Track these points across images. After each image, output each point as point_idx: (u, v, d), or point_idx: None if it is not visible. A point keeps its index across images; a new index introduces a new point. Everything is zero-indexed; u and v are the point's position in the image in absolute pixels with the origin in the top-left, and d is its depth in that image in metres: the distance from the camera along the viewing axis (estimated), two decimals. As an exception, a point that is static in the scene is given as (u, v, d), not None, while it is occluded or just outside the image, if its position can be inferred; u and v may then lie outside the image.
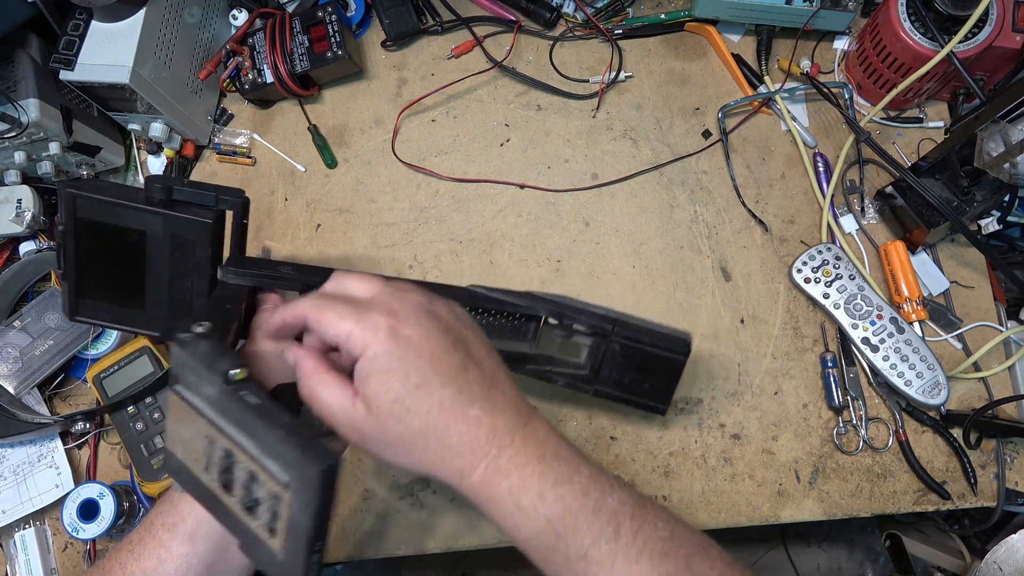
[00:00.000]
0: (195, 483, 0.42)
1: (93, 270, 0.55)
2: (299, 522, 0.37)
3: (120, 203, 0.53)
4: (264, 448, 0.38)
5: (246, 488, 0.39)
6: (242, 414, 0.39)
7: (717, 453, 0.72)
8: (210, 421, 0.40)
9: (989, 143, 0.65)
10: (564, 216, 0.80)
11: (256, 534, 0.39)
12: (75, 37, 0.69)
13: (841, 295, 0.73)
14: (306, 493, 0.37)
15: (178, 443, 0.43)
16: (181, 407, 0.42)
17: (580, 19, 0.85)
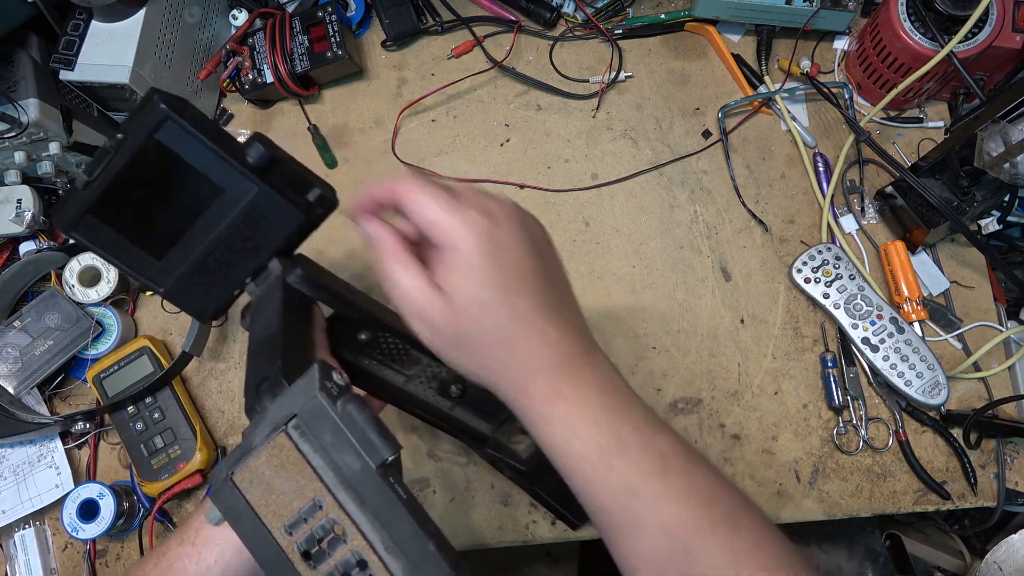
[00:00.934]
0: (258, 533, 0.39)
1: (127, 196, 0.48)
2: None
3: (215, 149, 0.46)
4: (400, 546, 0.36)
5: (340, 570, 0.37)
6: (383, 504, 0.37)
7: (717, 453, 0.72)
8: (328, 489, 0.38)
9: (989, 143, 0.65)
10: (564, 216, 0.80)
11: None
12: (75, 37, 0.69)
13: (841, 295, 0.73)
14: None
15: (258, 486, 0.39)
16: (289, 455, 0.39)
17: (580, 19, 0.85)
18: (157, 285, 0.50)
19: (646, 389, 0.74)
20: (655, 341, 0.76)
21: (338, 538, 0.37)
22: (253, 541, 0.39)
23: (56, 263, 0.77)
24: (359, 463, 0.37)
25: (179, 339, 0.78)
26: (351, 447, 0.38)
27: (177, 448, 0.71)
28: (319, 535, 0.37)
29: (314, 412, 0.39)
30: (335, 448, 0.38)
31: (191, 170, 0.47)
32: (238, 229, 0.48)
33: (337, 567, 0.37)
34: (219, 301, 0.51)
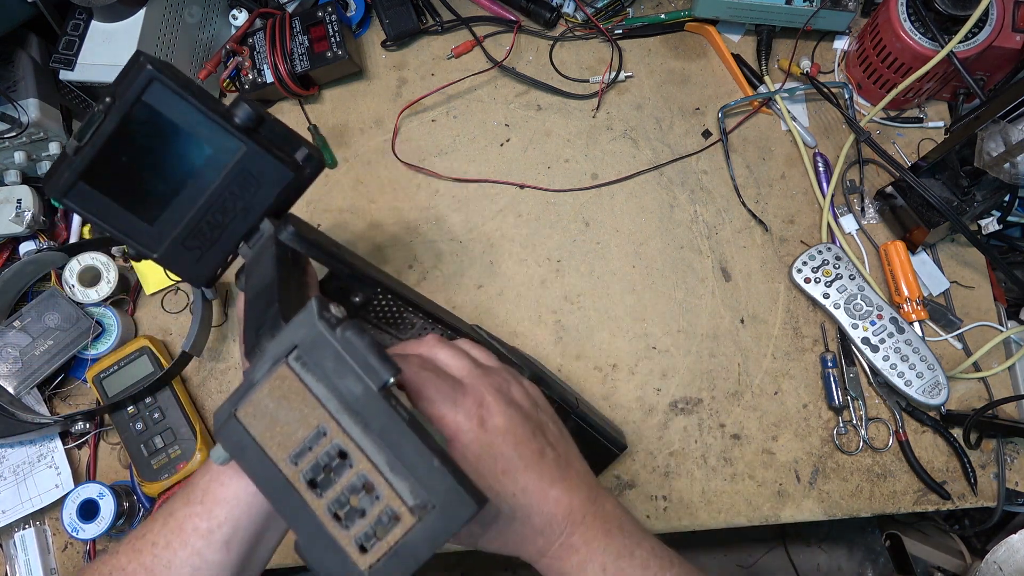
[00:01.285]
0: (263, 466, 0.39)
1: (118, 160, 0.48)
2: (415, 551, 0.36)
3: (202, 109, 0.47)
4: (405, 465, 0.36)
5: (347, 495, 0.37)
6: (387, 424, 0.37)
7: (717, 453, 0.72)
8: (332, 415, 0.38)
9: (989, 143, 0.65)
10: (564, 216, 0.80)
11: (335, 542, 0.37)
12: (75, 37, 0.69)
13: (841, 295, 0.73)
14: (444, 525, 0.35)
15: (261, 419, 0.40)
16: (291, 386, 0.39)
17: (580, 19, 0.85)
18: (151, 251, 0.49)
19: (646, 389, 0.74)
20: (655, 341, 0.76)
21: (343, 463, 0.37)
22: (259, 474, 0.39)
23: (56, 263, 0.77)
24: (361, 387, 0.38)
25: (179, 339, 0.78)
26: (352, 372, 0.38)
27: (177, 448, 0.71)
28: (324, 462, 0.38)
29: (314, 341, 0.39)
30: (337, 374, 0.38)
31: (180, 131, 0.47)
32: (229, 189, 0.48)
33: (343, 492, 0.37)
34: (213, 265, 0.50)
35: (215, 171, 0.48)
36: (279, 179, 0.49)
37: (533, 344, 0.76)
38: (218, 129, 0.47)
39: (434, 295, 0.77)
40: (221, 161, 0.48)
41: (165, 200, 0.48)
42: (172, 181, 0.48)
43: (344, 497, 0.37)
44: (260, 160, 0.48)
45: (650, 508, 0.71)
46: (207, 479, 0.45)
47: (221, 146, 0.47)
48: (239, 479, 0.44)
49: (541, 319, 0.77)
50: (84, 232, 0.82)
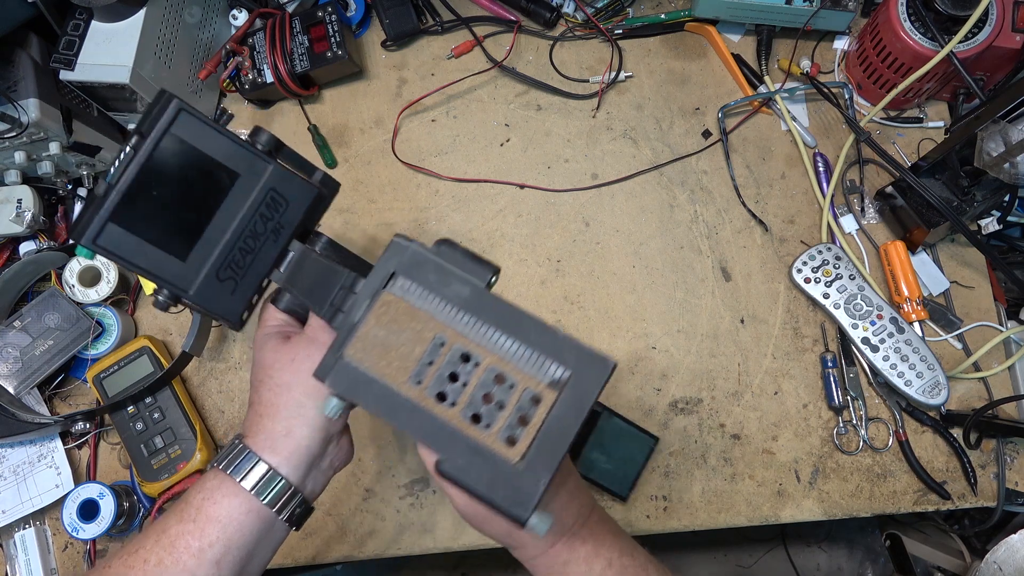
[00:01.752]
0: (386, 397, 0.39)
1: (147, 197, 0.47)
2: (564, 424, 0.36)
3: (229, 135, 0.47)
4: (531, 346, 0.37)
5: (480, 394, 0.38)
6: (502, 314, 0.38)
7: (717, 453, 0.72)
8: (446, 323, 0.39)
9: (989, 143, 0.65)
10: (564, 216, 0.80)
11: (480, 445, 0.37)
12: (75, 37, 0.69)
13: (841, 295, 0.73)
14: (585, 389, 0.36)
15: (372, 351, 0.40)
16: (398, 308, 0.40)
17: (580, 19, 0.85)
18: (184, 289, 0.48)
19: (646, 389, 0.74)
20: (655, 341, 0.76)
21: (468, 366, 0.38)
22: (384, 408, 0.39)
23: (56, 263, 0.77)
24: (468, 288, 0.39)
25: (179, 339, 0.78)
26: (456, 277, 0.39)
27: (177, 448, 0.71)
28: (448, 371, 0.38)
29: (413, 261, 0.41)
30: (441, 284, 0.40)
31: (208, 160, 0.48)
32: (259, 212, 0.49)
33: (476, 394, 0.38)
34: (247, 295, 0.50)
35: (244, 196, 0.49)
36: (305, 197, 0.50)
37: (533, 344, 0.76)
38: (246, 154, 0.48)
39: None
40: (249, 184, 0.48)
41: (197, 232, 0.48)
42: (203, 212, 0.48)
43: (478, 398, 0.38)
44: (286, 180, 0.49)
45: (650, 508, 0.71)
46: (200, 497, 0.45)
47: (249, 170, 0.48)
48: (232, 498, 0.45)
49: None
50: (84, 232, 0.82)
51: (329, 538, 0.71)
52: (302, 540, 0.71)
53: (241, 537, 0.45)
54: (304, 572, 0.82)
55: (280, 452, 0.46)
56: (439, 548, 0.71)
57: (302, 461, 0.46)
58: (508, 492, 0.37)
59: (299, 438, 0.46)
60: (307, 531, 0.71)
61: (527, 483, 0.36)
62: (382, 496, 0.72)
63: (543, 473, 0.36)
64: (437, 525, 0.71)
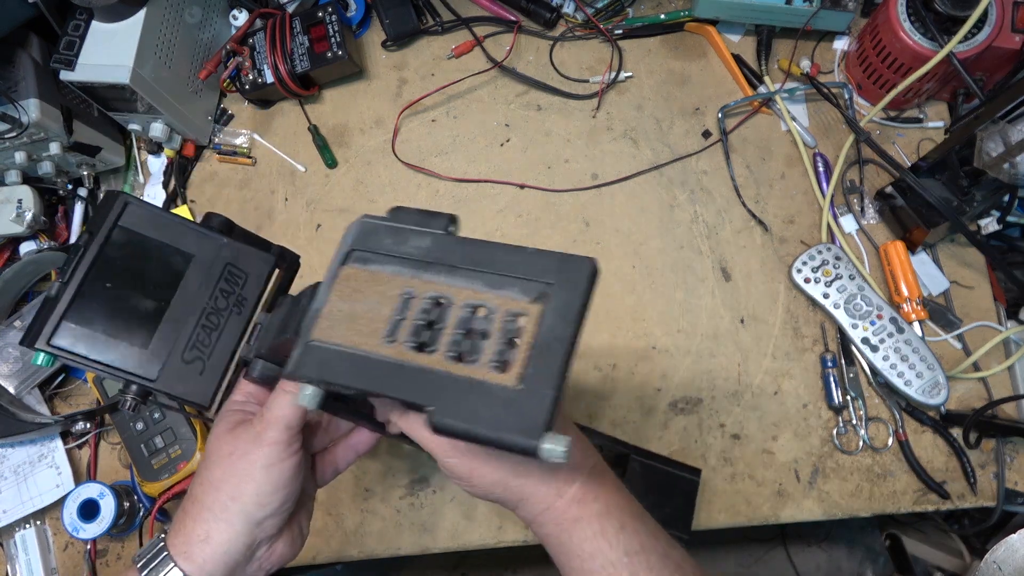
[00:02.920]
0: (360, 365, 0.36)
1: (101, 290, 0.47)
2: (557, 333, 0.33)
3: (180, 219, 0.48)
4: (504, 273, 0.35)
5: (459, 331, 0.35)
6: (468, 251, 0.37)
7: (717, 453, 0.72)
8: (412, 276, 0.37)
9: (989, 143, 0.65)
10: (564, 216, 0.80)
11: (471, 381, 0.34)
12: (75, 37, 0.69)
13: (841, 295, 0.73)
14: (571, 294, 0.33)
15: (339, 326, 0.38)
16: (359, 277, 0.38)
17: (580, 19, 0.85)
18: (148, 378, 0.47)
19: (646, 389, 0.74)
20: (655, 341, 0.76)
21: (442, 309, 0.36)
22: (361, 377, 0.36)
23: (56, 263, 0.77)
24: (428, 238, 0.38)
25: (179, 339, 0.78)
26: (413, 232, 0.38)
27: (177, 448, 0.71)
28: (423, 319, 0.36)
29: (366, 231, 0.39)
30: (399, 243, 0.38)
31: (160, 245, 0.48)
32: (218, 287, 0.49)
33: (456, 333, 0.35)
34: (217, 373, 0.48)
35: (200, 275, 0.49)
36: (263, 265, 0.50)
37: (533, 344, 0.76)
38: (197, 234, 0.49)
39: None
40: (205, 264, 0.49)
41: (157, 318, 0.48)
42: (160, 297, 0.48)
43: (458, 335, 0.35)
44: (242, 255, 0.50)
45: (650, 508, 0.71)
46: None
47: (203, 249, 0.49)
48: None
49: (541, 319, 0.77)
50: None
51: (329, 538, 0.71)
52: (302, 540, 0.71)
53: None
54: (304, 572, 0.82)
55: (195, 559, 0.42)
56: (439, 548, 0.71)
57: (218, 570, 0.42)
58: (513, 422, 0.32)
59: (217, 545, 0.42)
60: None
61: (531, 404, 0.32)
62: (382, 496, 0.72)
63: (546, 389, 0.33)
64: (437, 525, 0.71)
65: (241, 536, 0.42)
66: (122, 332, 0.47)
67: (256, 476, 0.42)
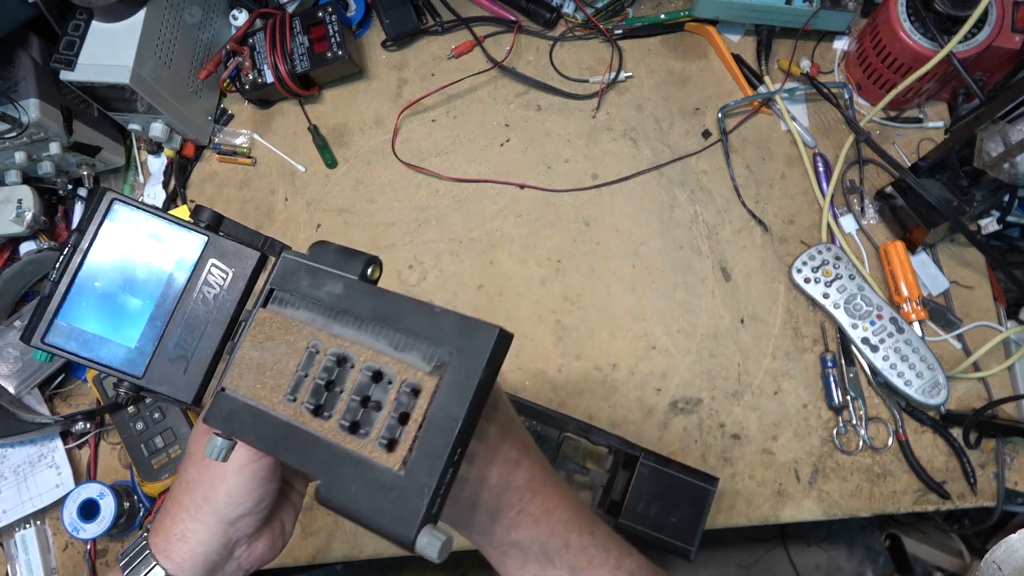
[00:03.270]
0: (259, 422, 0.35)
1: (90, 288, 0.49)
2: (449, 410, 0.30)
3: (164, 215, 0.49)
4: (409, 333, 0.32)
5: (357, 398, 0.33)
6: (378, 303, 0.34)
7: (717, 453, 0.72)
8: (321, 328, 0.35)
9: (989, 143, 0.65)
10: (564, 216, 0.80)
11: (359, 458, 0.32)
12: (75, 37, 0.69)
13: (841, 295, 0.73)
14: (470, 366, 0.30)
15: (248, 375, 0.37)
16: (272, 323, 0.37)
17: (580, 19, 0.85)
18: (133, 373, 0.48)
19: (646, 389, 0.74)
20: (655, 341, 0.76)
21: (344, 369, 0.34)
22: (261, 436, 0.35)
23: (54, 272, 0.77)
24: (340, 283, 0.35)
25: (179, 339, 0.78)
26: (328, 275, 0.36)
27: (177, 448, 0.71)
28: (324, 378, 0.34)
29: (285, 270, 0.38)
30: (315, 287, 0.36)
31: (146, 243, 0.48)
32: (202, 285, 0.49)
33: (352, 399, 0.33)
34: (199, 373, 0.48)
35: (185, 272, 0.48)
36: (248, 259, 0.49)
37: (533, 344, 0.76)
38: (183, 230, 0.49)
39: (434, 295, 0.77)
40: (191, 259, 0.48)
41: (142, 316, 0.48)
42: (147, 294, 0.48)
43: (355, 402, 0.33)
44: (227, 250, 0.49)
45: (650, 508, 0.71)
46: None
47: (189, 245, 0.48)
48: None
49: (541, 319, 0.77)
50: (84, 232, 0.82)
51: (329, 538, 0.71)
52: (302, 540, 0.71)
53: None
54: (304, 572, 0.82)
55: (174, 558, 0.42)
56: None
57: (197, 568, 0.43)
58: (391, 511, 0.30)
59: (194, 544, 0.42)
60: (307, 531, 0.71)
61: (411, 494, 0.30)
62: (382, 496, 0.72)
63: (428, 478, 0.30)
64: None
65: (216, 536, 0.42)
66: (110, 330, 0.48)
67: (229, 478, 0.41)
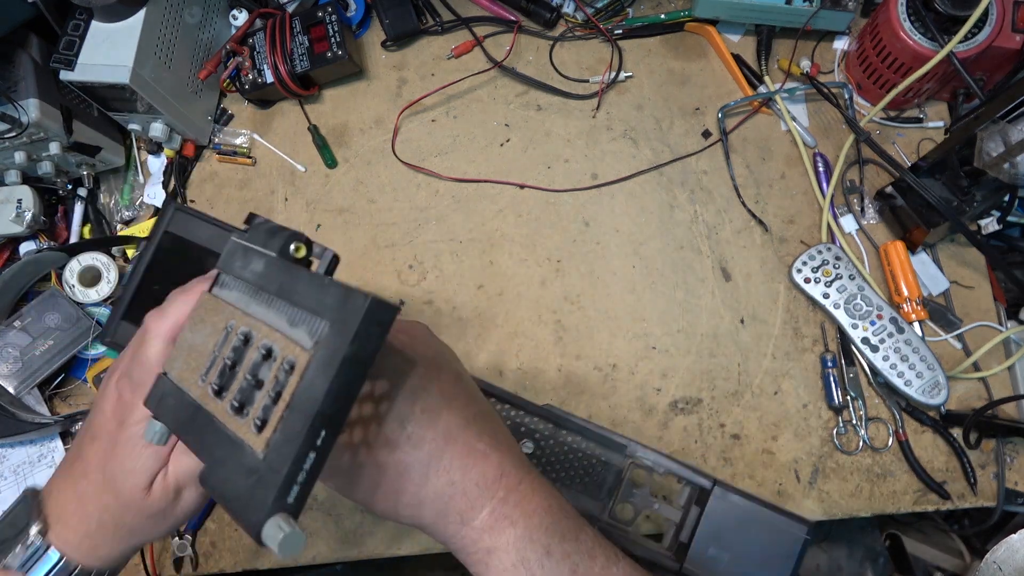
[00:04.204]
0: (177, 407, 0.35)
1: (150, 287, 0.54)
2: (311, 390, 0.29)
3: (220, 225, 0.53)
4: (302, 307, 0.31)
5: (249, 377, 0.32)
6: (285, 280, 0.33)
7: (717, 453, 0.72)
8: (240, 307, 0.35)
9: (989, 143, 0.65)
10: (564, 216, 0.80)
11: (235, 440, 0.31)
12: (75, 37, 0.69)
13: (841, 295, 0.73)
14: (337, 341, 0.29)
15: (179, 359, 0.36)
16: (207, 307, 0.37)
17: (580, 19, 0.85)
18: None
19: (646, 389, 0.74)
20: (655, 341, 0.76)
21: (248, 347, 0.33)
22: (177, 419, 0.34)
23: (56, 263, 0.77)
24: (263, 261, 0.35)
25: (179, 339, 0.78)
26: (255, 254, 0.35)
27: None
28: (231, 359, 0.33)
29: (231, 251, 0.37)
30: (244, 267, 0.36)
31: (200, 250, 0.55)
32: None
33: (246, 379, 0.32)
34: None
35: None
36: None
37: (533, 344, 0.76)
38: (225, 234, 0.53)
39: (434, 295, 0.77)
40: None
41: None
42: None
43: (247, 382, 0.32)
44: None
45: (650, 508, 0.71)
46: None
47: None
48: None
49: (541, 319, 0.77)
50: (84, 232, 0.82)
51: (329, 538, 0.71)
52: (302, 540, 0.71)
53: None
54: (304, 572, 0.82)
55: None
56: (439, 548, 0.71)
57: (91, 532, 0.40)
58: (247, 497, 0.29)
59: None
60: (307, 531, 0.71)
61: (267, 480, 0.28)
62: (382, 496, 0.72)
63: (281, 463, 0.28)
64: (437, 525, 0.71)
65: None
66: None
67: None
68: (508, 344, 0.76)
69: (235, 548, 0.72)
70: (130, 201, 0.83)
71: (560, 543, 0.37)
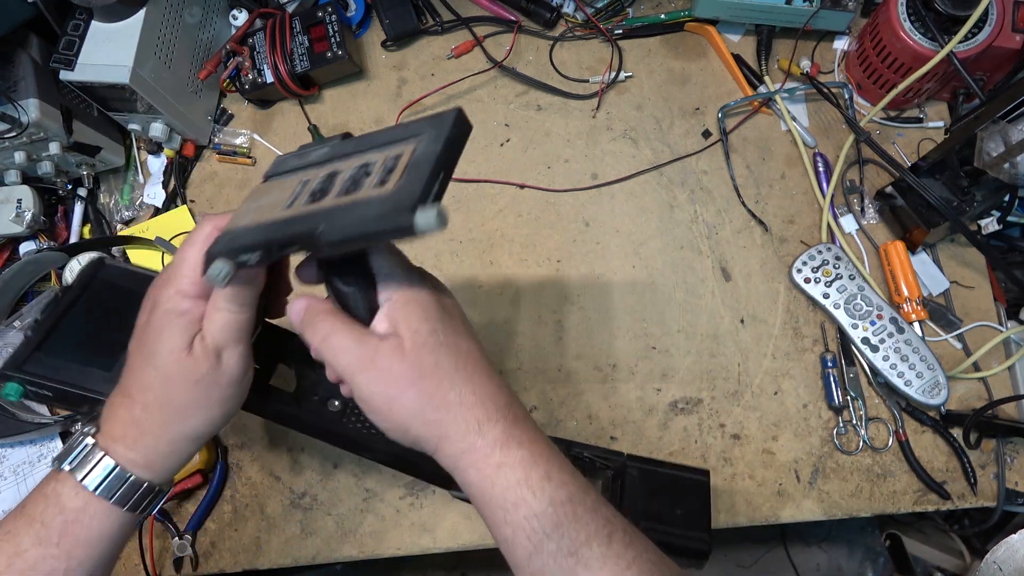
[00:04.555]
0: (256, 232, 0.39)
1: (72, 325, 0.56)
2: (427, 151, 0.36)
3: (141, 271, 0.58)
4: (392, 138, 0.39)
5: (350, 179, 0.38)
6: (361, 140, 0.41)
7: (717, 453, 0.72)
8: (311, 167, 0.42)
9: (989, 143, 0.65)
10: (564, 216, 0.80)
11: (355, 201, 0.36)
12: (75, 37, 0.69)
13: (841, 295, 0.73)
14: (439, 128, 0.37)
15: (246, 216, 0.41)
16: (263, 188, 0.44)
17: (580, 19, 0.85)
18: (104, 394, 0.51)
19: (646, 389, 0.74)
20: (655, 341, 0.76)
21: (337, 172, 0.40)
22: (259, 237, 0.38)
23: (56, 263, 0.77)
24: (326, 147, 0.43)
25: (179, 339, 0.78)
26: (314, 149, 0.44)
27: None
28: (321, 186, 0.39)
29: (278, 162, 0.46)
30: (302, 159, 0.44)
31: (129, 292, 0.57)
32: None
33: (346, 182, 0.38)
34: None
35: None
36: None
37: (533, 344, 0.76)
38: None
39: (434, 295, 0.77)
40: None
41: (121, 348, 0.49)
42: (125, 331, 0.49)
43: (348, 183, 0.38)
44: None
45: (650, 508, 0.71)
46: (62, 519, 0.41)
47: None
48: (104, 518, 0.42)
49: (541, 319, 0.77)
50: (84, 232, 0.82)
51: (329, 538, 0.71)
52: (302, 540, 0.71)
53: (112, 551, 0.43)
54: (304, 572, 0.82)
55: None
56: (439, 548, 0.71)
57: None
58: (390, 212, 0.34)
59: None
60: (307, 531, 0.71)
61: (406, 192, 0.34)
62: (382, 496, 0.72)
63: (418, 180, 0.34)
64: (437, 525, 0.71)
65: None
66: (89, 357, 0.56)
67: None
68: (508, 344, 0.76)
69: (235, 548, 0.72)
70: (130, 201, 0.83)
71: (559, 472, 0.40)
